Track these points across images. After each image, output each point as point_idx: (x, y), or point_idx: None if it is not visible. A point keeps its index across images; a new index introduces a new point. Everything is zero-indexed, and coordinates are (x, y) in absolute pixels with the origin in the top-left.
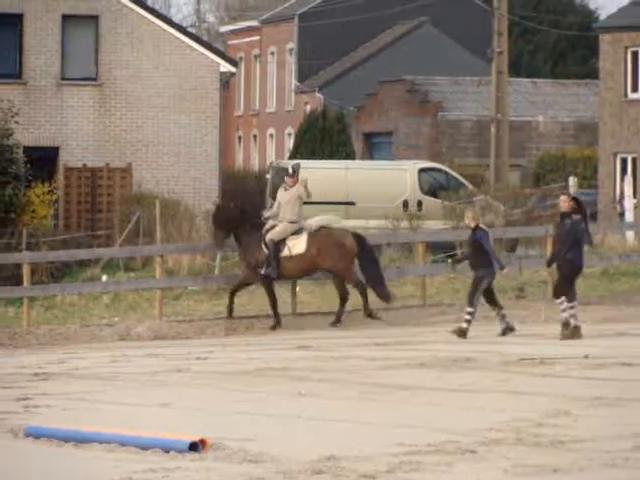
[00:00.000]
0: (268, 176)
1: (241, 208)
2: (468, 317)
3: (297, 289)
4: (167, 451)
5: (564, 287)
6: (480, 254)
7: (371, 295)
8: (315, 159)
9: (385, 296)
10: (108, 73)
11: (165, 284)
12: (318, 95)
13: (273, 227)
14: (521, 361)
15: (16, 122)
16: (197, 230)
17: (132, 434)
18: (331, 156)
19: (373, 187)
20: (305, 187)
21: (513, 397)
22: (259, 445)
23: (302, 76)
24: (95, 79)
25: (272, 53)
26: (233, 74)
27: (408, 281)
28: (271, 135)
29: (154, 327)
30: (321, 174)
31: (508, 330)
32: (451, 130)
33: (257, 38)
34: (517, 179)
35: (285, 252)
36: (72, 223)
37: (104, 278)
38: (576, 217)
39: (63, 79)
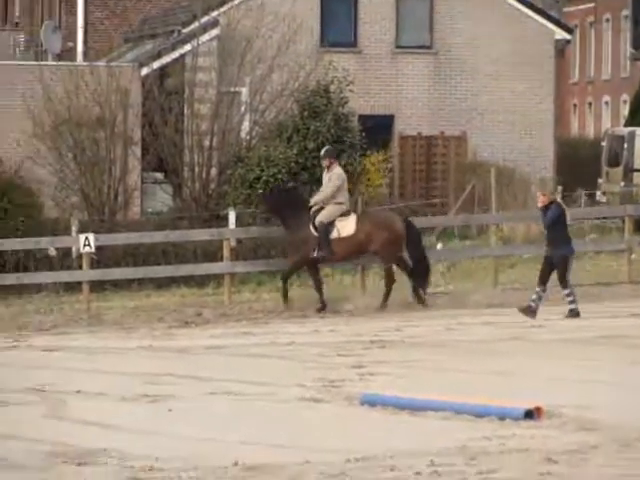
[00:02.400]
0: (603, 144)
1: (287, 192)
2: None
3: (632, 256)
4: (502, 419)
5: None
6: (557, 231)
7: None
8: None
9: (422, 286)
10: (443, 41)
11: (500, 252)
12: None
13: (320, 210)
14: None
15: (351, 91)
16: (532, 198)
17: (466, 402)
18: None
19: None
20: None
21: None
22: (594, 413)
23: (638, 42)
24: (430, 47)
25: (607, 20)
26: (568, 42)
27: None
28: (606, 102)
29: (489, 295)
30: None
31: (530, 312)
32: None
33: (592, 5)
34: None
35: (334, 234)
36: (407, 191)
37: (439, 246)
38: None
39: (398, 47)
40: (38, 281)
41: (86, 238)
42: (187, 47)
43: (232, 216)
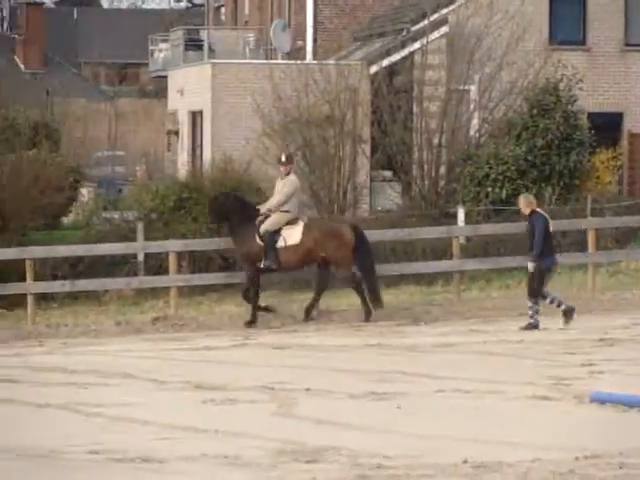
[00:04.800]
0: None
1: (235, 199)
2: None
3: None
4: None
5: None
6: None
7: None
8: None
9: (375, 297)
10: None
11: None
12: None
13: (267, 217)
14: None
15: (580, 88)
16: None
17: None
18: None
19: None
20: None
21: None
22: None
23: None
24: None
25: None
26: None
27: None
28: None
29: None
30: None
31: (531, 327)
32: None
33: None
34: None
35: (280, 242)
36: (636, 189)
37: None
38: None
39: (627, 45)
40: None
41: None
42: (416, 45)
43: (461, 214)
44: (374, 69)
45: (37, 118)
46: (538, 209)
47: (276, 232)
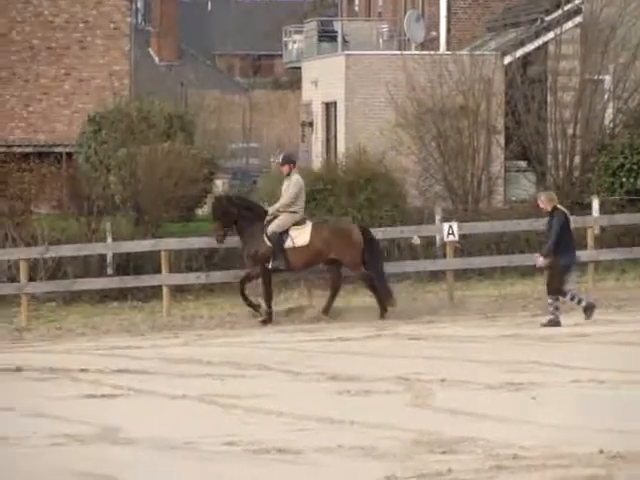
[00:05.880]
0: None
1: (242, 199)
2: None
3: None
4: None
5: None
6: (561, 238)
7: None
8: None
9: (386, 295)
10: None
11: None
12: None
13: (275, 218)
14: None
15: None
16: None
17: None
18: None
19: None
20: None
21: None
22: None
23: None
24: None
25: None
26: None
27: None
28: None
29: None
30: None
31: (553, 324)
32: None
33: None
34: None
35: (288, 243)
36: None
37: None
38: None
39: None
40: (402, 270)
41: (450, 227)
42: (550, 35)
43: (596, 204)
44: (508, 59)
45: (171, 110)
46: (559, 205)
47: (284, 233)
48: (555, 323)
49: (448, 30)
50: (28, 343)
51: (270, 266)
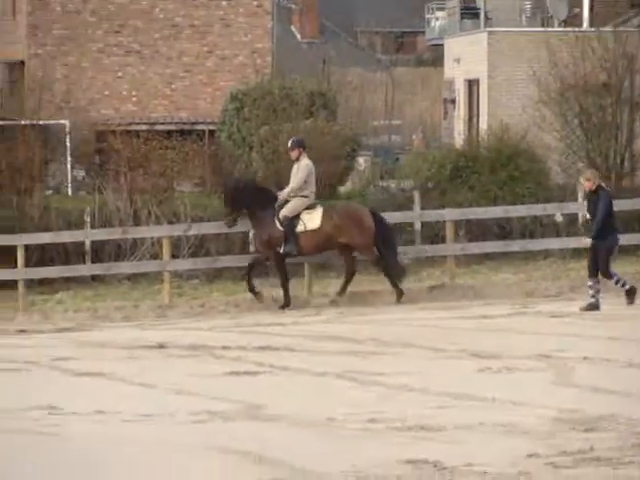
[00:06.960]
0: None
1: (253, 183)
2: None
3: None
4: None
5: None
6: (606, 220)
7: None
8: None
9: (398, 273)
10: None
11: None
12: None
13: (285, 203)
14: None
15: None
16: None
17: None
18: None
19: None
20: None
21: None
22: None
23: None
24: None
25: None
26: None
27: None
28: None
29: None
30: None
31: (592, 307)
32: None
33: None
34: None
35: (300, 227)
36: None
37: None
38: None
39: None
40: (544, 247)
41: None
42: None
43: None
44: None
45: (313, 87)
46: (603, 184)
47: (295, 217)
48: (594, 307)
49: (591, 7)
50: (171, 320)
51: (282, 251)
